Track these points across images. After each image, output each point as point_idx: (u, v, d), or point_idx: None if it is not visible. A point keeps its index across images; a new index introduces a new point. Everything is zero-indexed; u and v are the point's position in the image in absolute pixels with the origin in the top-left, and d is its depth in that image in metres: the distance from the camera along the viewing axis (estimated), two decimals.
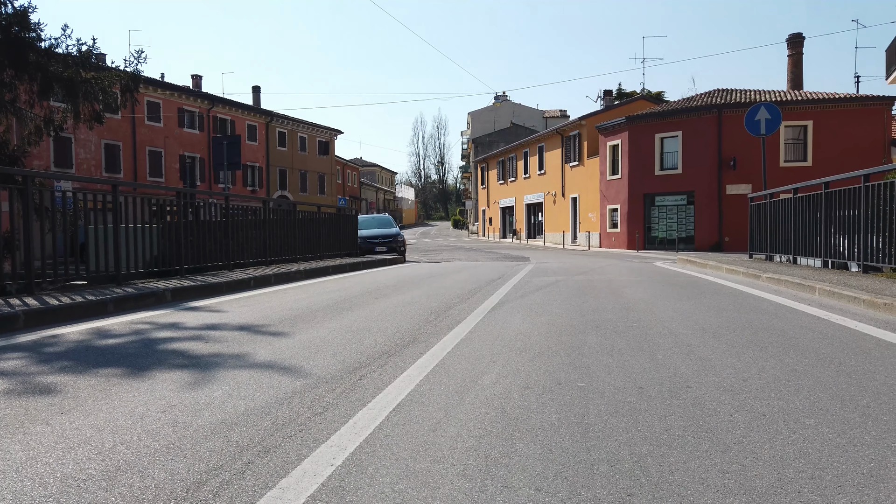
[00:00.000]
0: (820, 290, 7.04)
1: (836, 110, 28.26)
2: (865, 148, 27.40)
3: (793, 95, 30.20)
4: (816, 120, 28.36)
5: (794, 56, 34.68)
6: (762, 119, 13.16)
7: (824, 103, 28.44)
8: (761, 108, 13.25)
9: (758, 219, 12.88)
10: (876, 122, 27.77)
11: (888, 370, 3.58)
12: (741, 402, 2.98)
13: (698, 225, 30.45)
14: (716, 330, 5.03)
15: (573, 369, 3.74)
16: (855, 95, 28.88)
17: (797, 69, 34.31)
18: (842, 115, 28.16)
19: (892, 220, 7.50)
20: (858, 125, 27.79)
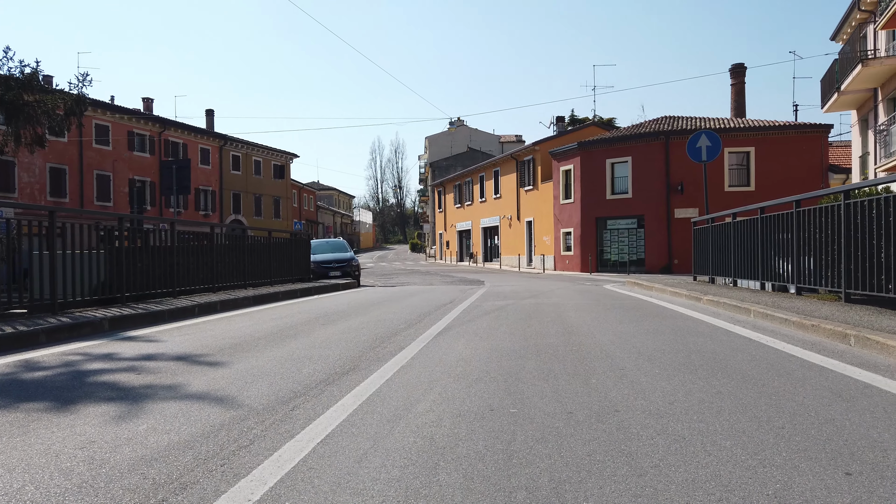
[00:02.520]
0: (755, 312, 7.28)
1: (776, 137, 29.46)
2: (804, 173, 28.57)
3: (736, 123, 31.38)
4: (758, 146, 29.49)
5: (737, 85, 36.10)
6: (703, 146, 13.64)
7: (765, 130, 29.62)
8: (702, 135, 13.74)
9: (701, 242, 13.28)
10: (814, 149, 29.03)
11: (806, 391, 3.72)
12: (664, 426, 3.05)
13: (649, 248, 31.16)
14: (651, 353, 5.15)
15: (508, 395, 3.78)
16: (794, 123, 30.18)
17: (740, 98, 35.71)
18: (782, 141, 29.36)
19: (824, 244, 7.83)
20: (798, 151, 29.00)
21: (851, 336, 5.13)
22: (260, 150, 52.31)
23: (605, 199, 32.19)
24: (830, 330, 5.48)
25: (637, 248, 31.76)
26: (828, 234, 7.69)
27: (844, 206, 7.23)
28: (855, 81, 20.12)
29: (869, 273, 6.78)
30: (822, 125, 29.12)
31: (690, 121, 33.00)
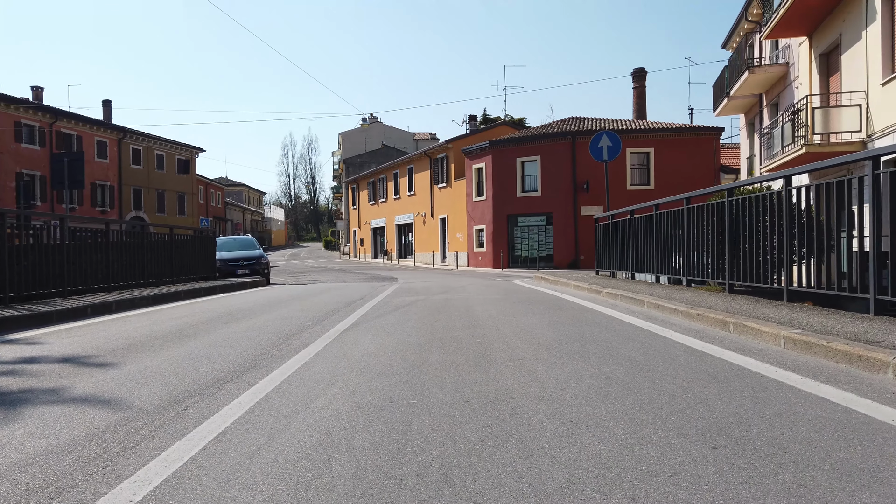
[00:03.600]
0: (648, 303, 7.68)
1: (673, 139, 31.10)
2: (699, 172, 30.33)
3: (637, 125, 32.89)
4: (657, 147, 31.04)
5: (639, 88, 37.84)
6: (605, 146, 14.23)
7: (664, 132, 31.21)
8: (603, 135, 14.33)
9: (602, 239, 13.86)
10: (707, 150, 30.86)
11: (687, 374, 3.98)
12: (554, 411, 3.19)
13: (557, 244, 32.16)
14: (549, 343, 5.34)
15: (409, 387, 3.82)
16: (689, 126, 31.98)
17: (641, 100, 37.44)
18: (679, 143, 31.03)
19: (710, 239, 8.36)
20: (693, 152, 30.74)
21: (731, 323, 5.53)
22: (163, 143, 49.97)
23: (516, 196, 32.93)
24: (713, 318, 5.88)
25: (546, 245, 32.70)
26: (714, 229, 8.22)
27: (728, 203, 7.76)
28: (742, 87, 21.55)
29: (749, 266, 7.31)
30: (714, 128, 31.01)
31: (595, 122, 34.29)
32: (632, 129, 31.59)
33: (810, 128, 15.00)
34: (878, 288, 5.20)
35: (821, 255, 6.00)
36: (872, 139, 13.95)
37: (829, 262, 5.89)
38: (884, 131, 13.36)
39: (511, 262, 33.22)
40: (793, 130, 15.53)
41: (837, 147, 14.81)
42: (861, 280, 5.43)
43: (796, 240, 6.40)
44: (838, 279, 5.78)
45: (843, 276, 5.76)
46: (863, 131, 14.38)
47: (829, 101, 15.93)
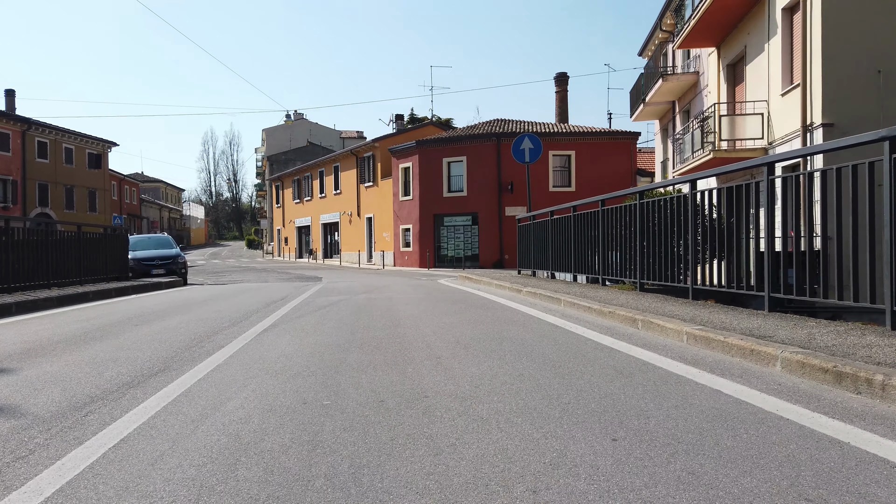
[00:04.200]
0: (564, 301, 7.92)
1: (593, 142, 32.11)
2: (618, 175, 31.41)
3: (559, 128, 33.75)
4: (578, 150, 31.96)
5: (561, 92, 38.84)
6: (527, 148, 14.55)
7: (584, 136, 32.17)
8: (525, 138, 14.65)
9: (524, 239, 14.16)
10: (625, 154, 32.03)
11: (595, 370, 4.13)
12: (466, 408, 3.25)
13: (482, 244, 32.58)
14: (468, 342, 5.43)
15: (324, 388, 3.80)
16: (608, 130, 33.09)
17: (563, 104, 38.44)
18: (599, 146, 32.06)
19: (623, 240, 8.70)
20: (612, 156, 31.83)
21: (639, 321, 5.78)
22: (72, 136, 47.33)
23: (443, 196, 33.14)
24: (623, 316, 6.13)
25: (472, 245, 33.07)
26: (627, 230, 8.56)
27: (639, 205, 8.09)
28: (657, 94, 22.51)
29: (659, 266, 7.66)
30: (631, 133, 32.21)
31: (519, 124, 34.95)
32: (554, 132, 32.39)
33: (718, 134, 15.85)
34: (773, 286, 5.56)
35: (722, 255, 6.36)
36: (773, 146, 14.89)
37: (734, 261, 6.25)
38: (783, 139, 14.28)
39: (437, 262, 33.40)
40: (702, 136, 16.37)
41: (742, 153, 15.72)
42: (758, 279, 5.79)
43: (701, 241, 6.75)
44: (737, 279, 6.13)
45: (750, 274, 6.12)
46: (765, 138, 15.32)
47: (735, 109, 16.87)
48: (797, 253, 5.25)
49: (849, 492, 2.05)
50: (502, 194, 31.97)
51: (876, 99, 12.04)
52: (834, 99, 12.32)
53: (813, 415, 2.93)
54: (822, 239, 5.62)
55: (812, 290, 5.09)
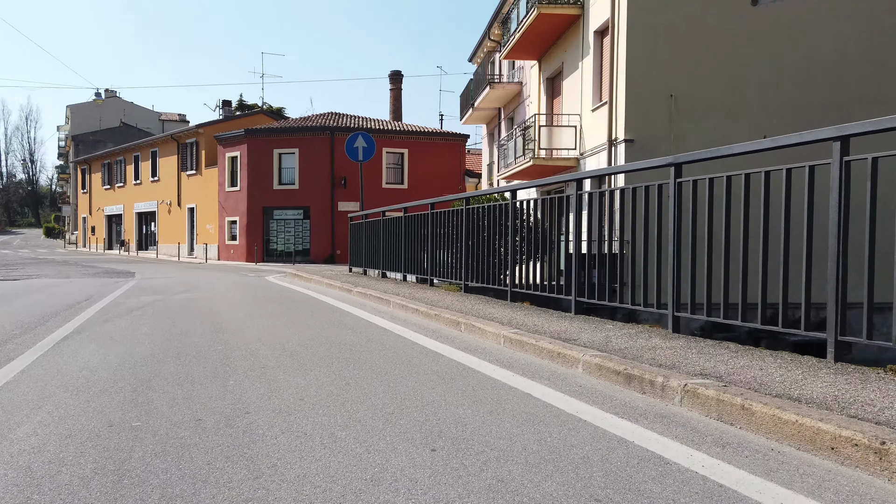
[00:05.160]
0: (394, 303, 8.07)
1: (426, 142, 32.88)
2: (448, 175, 32.49)
3: (393, 126, 34.13)
4: (411, 149, 32.54)
5: (395, 90, 39.28)
6: (360, 147, 14.57)
7: (417, 135, 32.83)
8: (359, 136, 14.66)
9: (356, 237, 14.18)
10: (455, 155, 33.18)
11: (419, 376, 4.28)
12: (290, 423, 3.21)
13: (314, 238, 32.03)
14: (295, 349, 5.34)
15: (134, 407, 3.55)
16: (440, 131, 34.08)
17: (397, 102, 38.91)
18: (431, 146, 32.89)
19: (451, 242, 9.04)
20: (443, 156, 32.81)
21: (462, 324, 6.06)
22: None
23: (273, 188, 32.06)
24: (448, 318, 6.39)
25: (303, 239, 32.37)
26: (454, 233, 8.91)
27: (465, 210, 8.47)
28: (485, 101, 23.61)
29: (482, 268, 8.08)
30: (461, 135, 33.44)
31: (354, 119, 34.80)
32: (388, 129, 32.71)
33: (537, 143, 17.02)
34: (579, 291, 6.12)
35: (538, 258, 6.86)
36: (584, 157, 16.30)
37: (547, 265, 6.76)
38: (592, 151, 15.69)
39: (266, 256, 32.25)
40: (524, 144, 17.47)
41: (559, 162, 17.03)
42: (567, 283, 6.33)
43: (520, 247, 7.24)
44: (549, 283, 6.66)
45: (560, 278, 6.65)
46: (577, 149, 16.72)
47: (552, 121, 18.21)
48: (599, 260, 5.82)
49: (630, 490, 2.35)
50: (335, 189, 31.63)
51: (668, 120, 13.66)
52: (634, 118, 13.77)
53: (606, 415, 3.29)
54: (619, 247, 6.25)
55: (611, 295, 5.68)
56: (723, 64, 13.91)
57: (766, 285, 4.21)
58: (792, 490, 2.31)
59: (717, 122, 13.79)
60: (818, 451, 2.63)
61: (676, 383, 3.42)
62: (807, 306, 3.89)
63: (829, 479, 2.40)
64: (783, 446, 2.76)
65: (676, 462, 2.61)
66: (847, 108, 13.86)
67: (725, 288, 4.54)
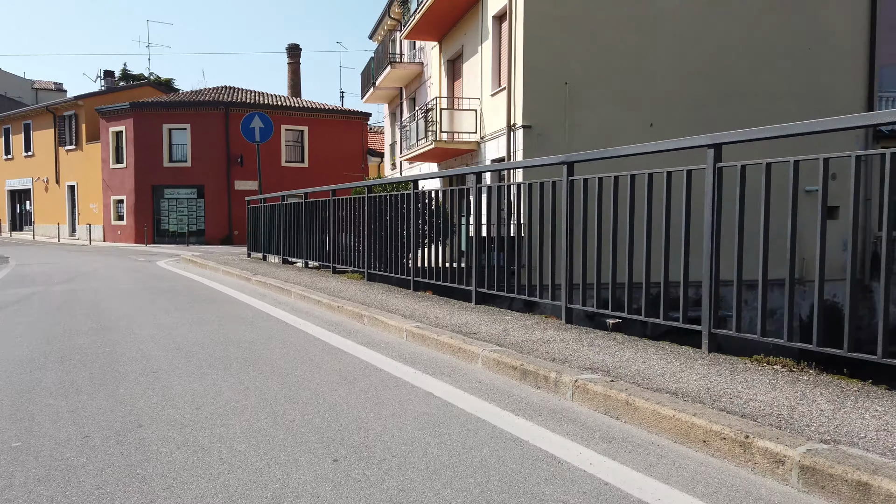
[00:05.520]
0: (295, 293, 7.94)
1: (326, 120, 32.20)
2: (350, 154, 32.05)
3: (292, 102, 33.14)
4: (311, 126, 31.77)
5: (293, 65, 38.05)
6: (257, 127, 14.06)
7: (317, 112, 32.08)
8: (255, 116, 14.14)
9: (255, 221, 13.75)
10: (356, 133, 32.73)
11: (321, 376, 4.26)
12: (186, 437, 3.13)
13: (209, 219, 30.74)
14: (191, 348, 5.16)
15: (13, 423, 3.33)
16: (341, 109, 33.45)
17: (296, 77, 37.74)
18: (331, 124, 32.25)
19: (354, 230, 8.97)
20: (344, 134, 32.28)
21: (365, 317, 6.07)
22: None
23: (163, 166, 30.39)
24: (351, 311, 6.38)
25: (197, 219, 30.99)
26: (357, 221, 8.85)
27: (368, 198, 8.42)
28: (386, 80, 23.39)
29: (385, 257, 8.09)
30: (362, 113, 32.99)
31: (250, 94, 33.47)
32: (287, 105, 31.75)
33: (439, 126, 17.10)
34: (479, 282, 6.28)
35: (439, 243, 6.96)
36: (485, 140, 16.56)
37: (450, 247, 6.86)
38: (492, 135, 15.96)
39: (157, 237, 30.62)
40: (426, 127, 17.50)
41: (460, 145, 17.20)
42: (468, 274, 6.47)
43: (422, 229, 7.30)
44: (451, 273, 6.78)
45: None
46: (478, 133, 16.95)
47: (454, 104, 18.33)
48: (499, 243, 5.98)
49: (524, 493, 2.48)
50: (231, 167, 30.40)
51: (563, 108, 14.11)
52: (532, 104, 14.11)
53: (503, 413, 3.43)
54: (517, 230, 6.40)
55: (510, 282, 5.87)
56: (614, 54, 14.49)
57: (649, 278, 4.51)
58: (668, 485, 2.52)
59: (609, 111, 14.40)
60: (693, 444, 2.88)
61: (568, 379, 3.61)
62: (684, 302, 4.21)
63: (701, 472, 2.64)
64: (662, 439, 3.00)
65: (567, 461, 2.77)
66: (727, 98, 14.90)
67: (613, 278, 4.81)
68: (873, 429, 2.70)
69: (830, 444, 2.53)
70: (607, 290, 4.85)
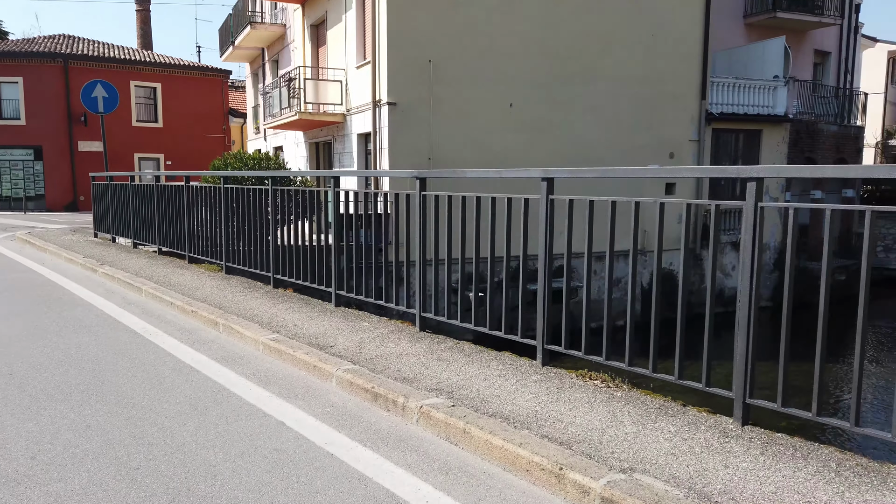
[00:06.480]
0: (146, 291, 7.60)
1: (182, 76, 30.13)
2: (210, 114, 30.33)
3: (143, 55, 30.62)
4: (165, 83, 29.62)
5: (143, 13, 35.00)
6: (99, 96, 12.94)
7: (172, 68, 29.90)
8: (98, 84, 12.98)
9: (101, 199, 12.79)
10: (216, 92, 30.94)
11: (171, 406, 4.20)
12: (19, 499, 3.02)
13: (49, 183, 28.09)
14: (25, 373, 4.86)
15: None
16: (197, 65, 31.39)
17: (146, 27, 34.80)
18: (188, 81, 30.23)
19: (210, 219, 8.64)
20: (202, 92, 30.41)
21: (220, 324, 5.98)
22: None
23: None
24: (206, 317, 6.25)
25: (36, 184, 28.20)
26: (214, 210, 8.55)
27: (224, 189, 8.15)
28: (246, 40, 22.21)
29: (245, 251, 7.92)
30: (222, 70, 31.18)
31: (94, 45, 30.47)
32: (137, 60, 29.32)
33: (303, 97, 16.61)
34: (338, 285, 6.36)
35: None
36: (351, 113, 16.33)
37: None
38: (358, 109, 15.77)
39: None
40: (289, 96, 16.94)
41: (326, 117, 16.84)
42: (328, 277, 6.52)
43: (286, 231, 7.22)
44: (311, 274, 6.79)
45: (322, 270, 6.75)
46: (344, 105, 16.68)
47: (318, 74, 17.83)
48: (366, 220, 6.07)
49: None
50: (74, 126, 27.77)
51: (428, 85, 14.21)
52: (397, 81, 14.08)
53: (352, 445, 3.61)
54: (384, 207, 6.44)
55: (368, 292, 6.02)
56: (477, 34, 14.72)
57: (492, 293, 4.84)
58: None
59: (470, 89, 14.71)
60: (518, 472, 3.21)
61: (414, 404, 3.85)
62: (523, 319, 4.58)
63: (523, 502, 2.98)
64: (494, 467, 3.32)
65: (406, 500, 3.01)
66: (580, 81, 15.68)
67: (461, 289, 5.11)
68: (664, 453, 3.17)
69: (627, 473, 2.95)
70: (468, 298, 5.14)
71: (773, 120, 18.24)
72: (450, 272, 5.16)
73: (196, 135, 29.69)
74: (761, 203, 3.28)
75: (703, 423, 3.51)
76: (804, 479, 2.89)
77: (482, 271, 4.85)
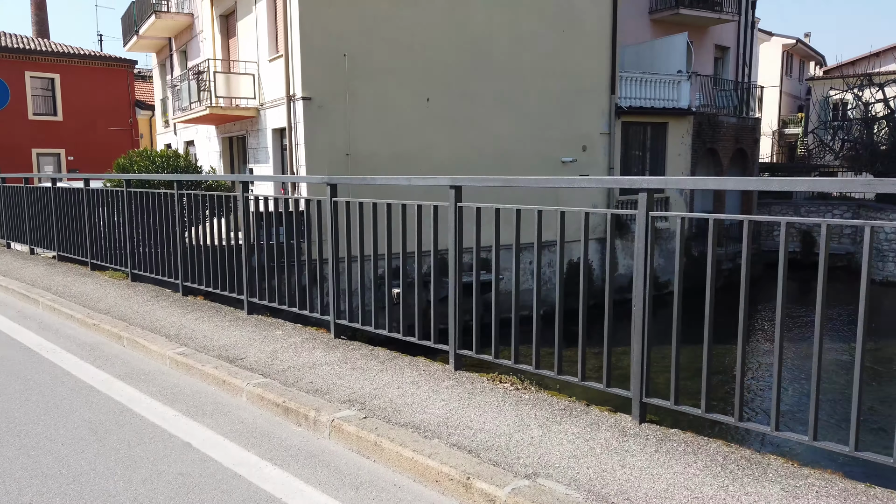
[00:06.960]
0: (43, 303, 7.18)
1: (83, 66, 28.41)
2: (114, 106, 28.77)
3: (38, 45, 28.66)
4: (64, 73, 27.87)
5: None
6: None
7: (71, 57, 28.16)
8: None
9: None
10: (121, 83, 29.35)
11: (67, 432, 4.00)
12: None
13: None
14: None
15: None
16: (100, 54, 29.67)
17: (42, 13, 32.52)
18: (89, 71, 28.54)
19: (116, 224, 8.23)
20: (105, 83, 28.79)
21: (125, 338, 5.73)
22: None
23: None
24: (109, 331, 5.96)
25: None
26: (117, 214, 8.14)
27: (126, 193, 7.78)
28: (151, 29, 21.18)
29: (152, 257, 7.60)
30: (126, 60, 29.58)
31: None
32: (32, 49, 27.39)
33: (213, 91, 16.01)
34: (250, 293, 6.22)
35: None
36: (265, 108, 15.89)
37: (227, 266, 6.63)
38: (272, 103, 15.37)
39: None
40: (199, 89, 16.30)
41: (238, 111, 16.33)
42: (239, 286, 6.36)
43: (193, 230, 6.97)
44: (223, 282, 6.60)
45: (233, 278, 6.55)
46: (257, 99, 16.21)
47: (230, 67, 17.25)
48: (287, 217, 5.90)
49: None
50: None
51: (343, 79, 14.02)
52: (311, 75, 13.81)
53: (261, 464, 3.55)
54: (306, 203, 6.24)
55: (281, 299, 5.91)
56: (391, 27, 14.63)
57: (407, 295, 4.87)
58: None
59: (387, 84, 14.62)
60: (428, 483, 3.26)
61: (326, 418, 3.83)
62: (436, 324, 4.62)
63: None
64: (405, 479, 3.35)
65: None
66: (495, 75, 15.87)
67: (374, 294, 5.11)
68: (567, 456, 3.29)
69: (531, 479, 3.05)
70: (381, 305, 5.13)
71: (678, 113, 19.09)
72: (362, 277, 5.14)
73: (100, 128, 28.15)
74: (652, 212, 3.44)
75: (605, 423, 3.67)
76: (693, 474, 3.08)
77: (396, 274, 4.86)
